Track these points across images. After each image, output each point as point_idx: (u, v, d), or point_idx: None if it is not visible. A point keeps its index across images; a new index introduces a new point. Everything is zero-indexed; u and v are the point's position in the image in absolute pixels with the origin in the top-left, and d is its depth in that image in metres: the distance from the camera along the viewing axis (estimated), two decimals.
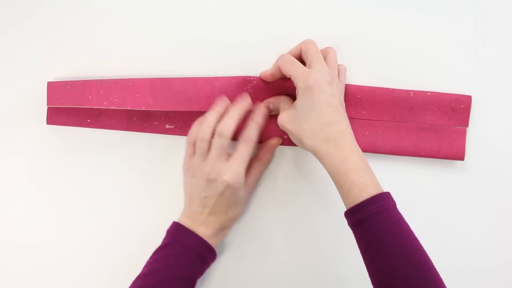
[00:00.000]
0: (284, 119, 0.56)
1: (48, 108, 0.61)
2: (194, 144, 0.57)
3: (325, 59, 0.56)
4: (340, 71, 0.58)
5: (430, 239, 0.62)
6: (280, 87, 0.61)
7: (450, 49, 0.61)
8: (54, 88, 0.60)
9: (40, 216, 0.63)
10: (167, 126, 0.62)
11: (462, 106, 0.60)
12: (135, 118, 0.62)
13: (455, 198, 0.62)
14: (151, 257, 0.57)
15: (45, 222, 0.63)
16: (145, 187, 0.63)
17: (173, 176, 0.62)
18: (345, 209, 0.52)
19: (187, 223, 0.58)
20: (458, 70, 0.61)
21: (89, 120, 0.62)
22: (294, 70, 0.55)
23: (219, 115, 0.57)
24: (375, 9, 0.61)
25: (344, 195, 0.52)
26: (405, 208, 0.62)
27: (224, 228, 0.59)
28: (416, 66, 0.61)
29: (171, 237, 0.57)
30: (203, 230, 0.57)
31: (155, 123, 0.62)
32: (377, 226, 0.50)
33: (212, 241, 0.57)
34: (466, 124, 0.61)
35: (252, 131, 0.57)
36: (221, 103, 0.58)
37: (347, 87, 0.61)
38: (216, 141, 0.56)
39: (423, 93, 0.60)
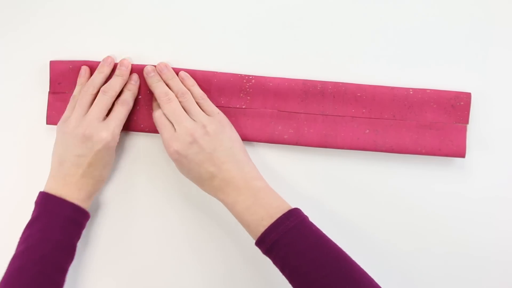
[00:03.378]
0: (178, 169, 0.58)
1: (48, 107, 0.62)
2: (76, 102, 0.59)
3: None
4: (189, 87, 0.59)
5: (430, 236, 0.62)
6: (280, 86, 0.61)
7: (450, 46, 0.61)
8: (57, 68, 0.61)
9: None
10: None
11: (462, 103, 0.60)
12: (135, 118, 0.62)
13: (456, 196, 0.61)
14: (23, 233, 0.55)
15: None
16: (144, 186, 0.63)
17: (173, 175, 0.62)
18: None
19: (55, 188, 0.56)
20: (457, 67, 0.61)
21: None
22: (162, 136, 0.57)
23: (105, 75, 0.59)
24: (375, 7, 0.62)
25: (248, 231, 0.55)
26: (405, 205, 0.62)
27: (96, 190, 0.59)
28: (416, 64, 0.61)
29: (41, 208, 0.56)
30: (76, 194, 0.56)
31: None
32: (283, 251, 0.52)
33: (84, 204, 0.57)
34: (466, 121, 0.61)
35: (128, 96, 0.59)
36: (106, 64, 0.60)
37: (348, 86, 0.61)
38: (100, 97, 0.57)
39: (423, 90, 0.61)
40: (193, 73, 0.61)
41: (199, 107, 0.58)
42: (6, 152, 0.63)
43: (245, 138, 0.61)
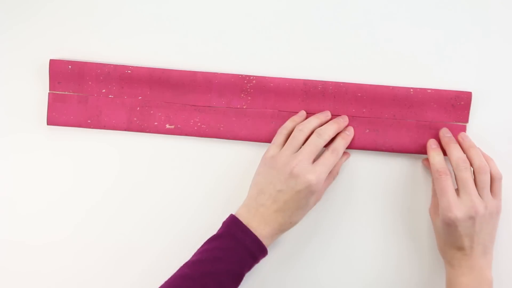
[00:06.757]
0: (433, 216, 0.60)
1: (48, 108, 0.62)
2: (285, 136, 0.59)
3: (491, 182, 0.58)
4: (489, 162, 0.59)
5: (430, 235, 0.62)
6: (281, 86, 0.61)
7: (450, 45, 0.61)
8: (56, 67, 0.61)
9: (41, 216, 0.63)
10: (167, 126, 0.62)
11: (462, 103, 0.61)
12: (135, 119, 0.62)
13: None
14: (202, 246, 0.56)
15: (44, 223, 0.63)
16: (145, 187, 0.63)
17: (172, 176, 0.62)
18: None
19: (245, 217, 0.56)
20: (458, 66, 0.61)
21: (89, 121, 0.62)
22: (441, 197, 0.57)
23: (321, 121, 0.60)
24: (375, 7, 0.62)
25: None
26: (405, 204, 0.62)
27: (281, 231, 0.57)
28: (416, 63, 0.61)
29: (225, 229, 0.56)
30: (262, 227, 0.56)
31: (155, 123, 0.62)
32: None
33: (266, 241, 0.56)
34: (466, 120, 0.61)
35: (340, 145, 0.59)
36: (325, 115, 0.61)
37: (348, 86, 0.61)
38: (314, 139, 0.58)
39: (423, 90, 0.61)
40: (193, 74, 0.61)
41: (490, 185, 0.58)
42: (5, 152, 0.63)
43: (245, 138, 0.61)
